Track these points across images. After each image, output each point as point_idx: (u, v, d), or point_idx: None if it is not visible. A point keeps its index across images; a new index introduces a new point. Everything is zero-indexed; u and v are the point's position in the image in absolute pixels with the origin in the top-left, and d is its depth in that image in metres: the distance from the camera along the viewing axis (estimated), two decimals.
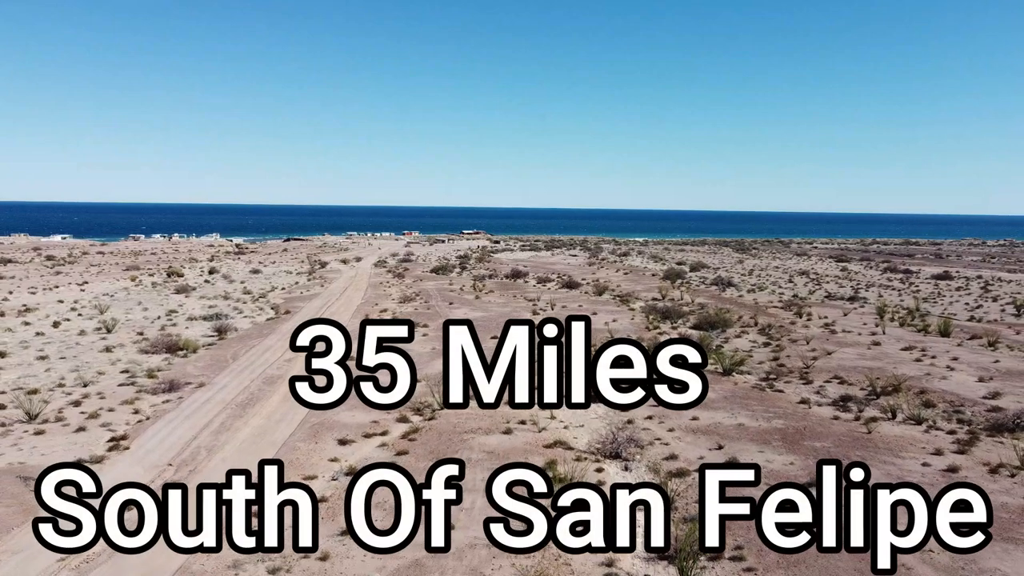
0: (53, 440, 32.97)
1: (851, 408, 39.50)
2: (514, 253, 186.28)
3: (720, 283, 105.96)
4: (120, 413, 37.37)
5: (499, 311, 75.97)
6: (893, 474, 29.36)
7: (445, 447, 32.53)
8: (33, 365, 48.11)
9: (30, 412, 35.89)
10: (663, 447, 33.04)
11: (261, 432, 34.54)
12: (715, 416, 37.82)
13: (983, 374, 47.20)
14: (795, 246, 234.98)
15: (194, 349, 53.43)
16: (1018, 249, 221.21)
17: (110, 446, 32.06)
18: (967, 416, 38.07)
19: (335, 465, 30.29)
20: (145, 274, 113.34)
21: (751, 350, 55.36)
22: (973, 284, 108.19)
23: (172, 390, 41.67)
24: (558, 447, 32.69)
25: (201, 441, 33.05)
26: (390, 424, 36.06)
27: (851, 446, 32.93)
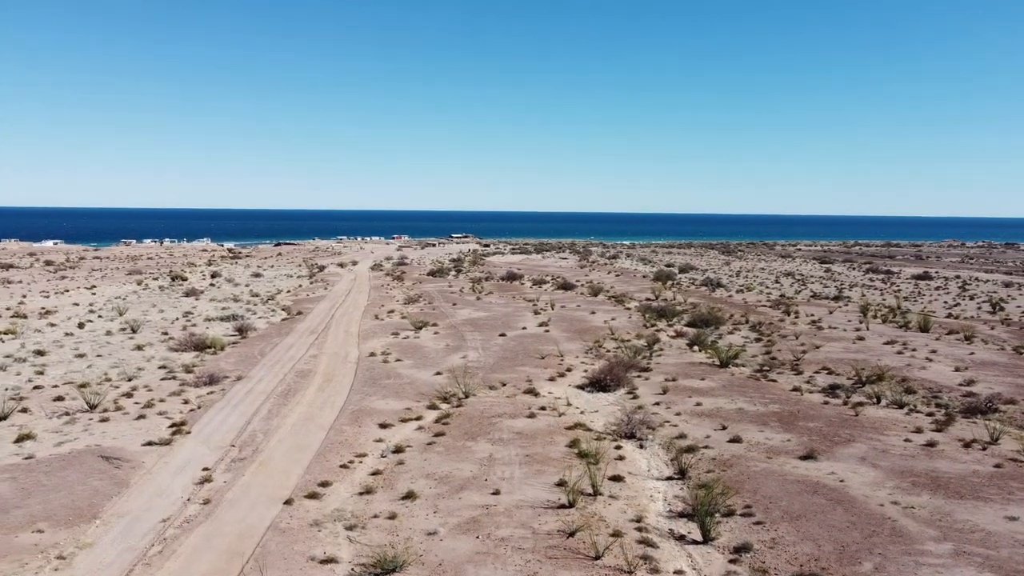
0: (118, 426, 36.12)
1: (839, 395, 43.26)
2: (505, 256, 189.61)
3: (710, 284, 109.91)
4: (171, 403, 40.54)
5: (502, 311, 79.42)
6: (878, 448, 33.13)
7: (477, 429, 35.98)
8: (74, 362, 51.08)
9: (90, 403, 39.01)
10: (672, 428, 36.64)
11: (307, 418, 37.86)
12: (716, 402, 41.50)
13: (959, 364, 51.19)
14: (779, 248, 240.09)
15: (221, 347, 56.52)
16: (995, 250, 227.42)
17: (173, 431, 35.25)
18: (944, 400, 41.96)
19: (381, 444, 33.67)
20: (149, 278, 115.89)
21: (744, 345, 59.06)
22: (951, 284, 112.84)
23: (213, 383, 44.84)
24: (578, 429, 36.20)
25: (255, 426, 36.34)
26: (422, 411, 39.46)
27: (840, 426, 36.69)
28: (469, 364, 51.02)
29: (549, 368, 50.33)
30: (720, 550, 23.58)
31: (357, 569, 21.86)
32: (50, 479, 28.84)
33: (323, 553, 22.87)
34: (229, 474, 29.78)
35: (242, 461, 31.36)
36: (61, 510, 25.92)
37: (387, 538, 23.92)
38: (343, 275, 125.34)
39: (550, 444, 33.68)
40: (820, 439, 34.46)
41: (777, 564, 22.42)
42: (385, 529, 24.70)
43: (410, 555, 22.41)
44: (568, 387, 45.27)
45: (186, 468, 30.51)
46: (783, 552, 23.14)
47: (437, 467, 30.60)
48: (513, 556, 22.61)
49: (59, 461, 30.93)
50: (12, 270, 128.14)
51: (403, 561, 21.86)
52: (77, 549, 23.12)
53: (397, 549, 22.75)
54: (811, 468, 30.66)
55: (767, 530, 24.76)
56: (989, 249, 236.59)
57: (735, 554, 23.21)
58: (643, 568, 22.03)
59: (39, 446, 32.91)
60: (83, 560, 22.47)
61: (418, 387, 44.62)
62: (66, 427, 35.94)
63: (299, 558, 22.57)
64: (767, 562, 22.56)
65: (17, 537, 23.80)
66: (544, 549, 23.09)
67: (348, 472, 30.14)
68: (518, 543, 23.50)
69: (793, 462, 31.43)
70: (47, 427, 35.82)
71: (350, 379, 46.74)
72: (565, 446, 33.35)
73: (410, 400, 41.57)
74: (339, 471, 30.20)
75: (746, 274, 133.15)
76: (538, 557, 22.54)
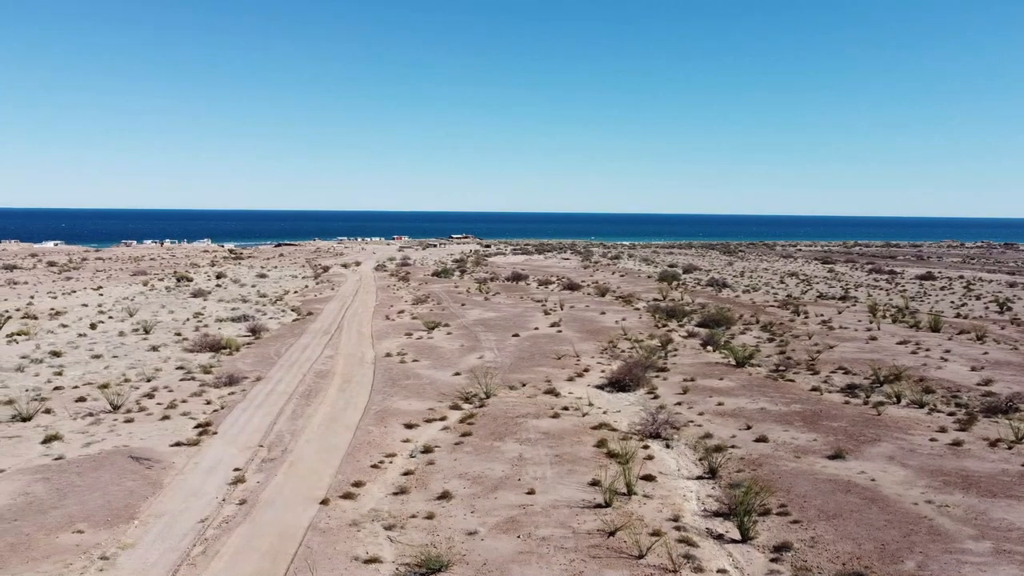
0: (144, 427, 36.11)
1: (859, 394, 43.36)
2: (507, 257, 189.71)
3: (715, 284, 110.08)
4: (193, 404, 40.53)
5: (511, 311, 79.47)
6: (905, 447, 33.25)
7: (503, 429, 36.02)
8: (91, 363, 51.02)
9: (113, 403, 38.98)
10: (697, 428, 36.72)
11: (332, 418, 37.87)
12: (738, 402, 41.59)
13: (975, 364, 51.35)
14: (779, 249, 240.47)
15: (236, 348, 56.50)
16: (995, 251, 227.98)
17: (199, 431, 35.26)
18: (964, 400, 42.11)
19: (408, 444, 33.70)
20: (155, 279, 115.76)
21: (757, 345, 59.17)
22: (956, 284, 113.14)
23: (233, 383, 44.83)
24: (603, 429, 36.26)
25: (281, 426, 36.35)
26: (444, 411, 39.49)
27: (864, 425, 36.80)
28: (486, 364, 51.06)
29: (566, 368, 50.39)
30: (760, 549, 23.65)
31: (402, 569, 21.89)
32: (83, 480, 28.83)
33: (365, 553, 22.90)
34: (261, 475, 29.79)
35: (272, 462, 31.36)
36: (98, 510, 25.91)
37: (427, 538, 23.96)
38: (348, 276, 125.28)
39: (578, 444, 33.74)
40: (846, 438, 34.55)
41: (819, 563, 22.50)
42: (424, 529, 24.73)
43: (453, 555, 22.45)
44: (587, 387, 45.32)
45: (217, 468, 30.51)
46: (824, 551, 23.21)
47: (468, 467, 30.64)
48: (556, 555, 22.65)
49: (90, 462, 30.91)
50: (16, 271, 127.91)
51: (447, 561, 21.90)
52: (119, 549, 23.12)
53: (440, 549, 22.78)
54: (840, 467, 30.74)
55: (805, 529, 24.83)
56: (989, 249, 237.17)
57: (776, 553, 23.29)
58: (687, 567, 22.09)
59: (67, 447, 32.89)
60: (126, 560, 22.47)
61: (438, 387, 44.64)
62: (91, 428, 35.92)
63: (342, 558, 22.59)
64: (809, 561, 22.64)
65: (58, 538, 23.80)
66: (586, 548, 23.14)
67: (380, 472, 30.17)
68: (559, 542, 23.55)
69: (822, 461, 31.52)
70: (72, 428, 35.79)
71: (369, 379, 46.76)
72: (593, 446, 33.42)
73: (432, 400, 41.60)
74: (370, 471, 30.22)
75: (750, 274, 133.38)
76: (581, 556, 22.59)
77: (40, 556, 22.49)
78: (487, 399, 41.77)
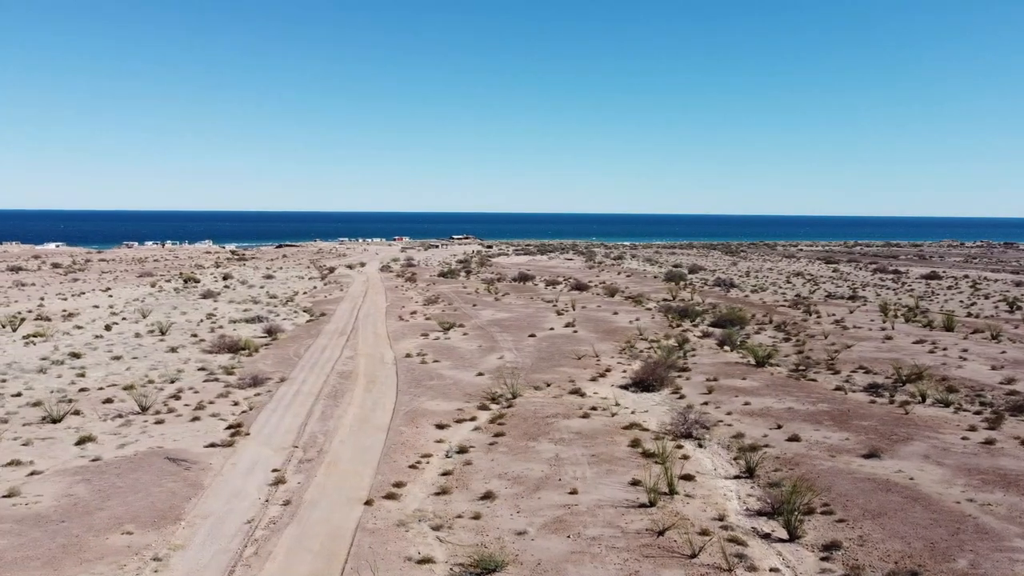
0: (175, 428, 36.11)
1: (883, 394, 43.47)
2: (510, 257, 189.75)
3: (722, 284, 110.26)
4: (221, 405, 40.53)
5: (523, 312, 79.53)
6: (938, 446, 33.37)
7: (535, 429, 36.07)
8: (112, 364, 50.97)
9: (142, 404, 38.97)
10: (727, 428, 36.80)
11: (363, 419, 37.90)
12: (764, 401, 41.69)
13: (994, 363, 51.52)
14: (781, 249, 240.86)
15: (255, 349, 56.47)
16: (996, 250, 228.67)
17: (231, 432, 35.24)
18: (988, 399, 42.23)
19: (442, 445, 33.74)
20: (162, 280, 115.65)
21: (773, 345, 59.27)
22: (962, 283, 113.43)
23: (257, 384, 44.82)
24: (634, 429, 36.33)
25: (313, 427, 36.37)
26: (473, 411, 39.53)
27: (895, 424, 36.91)
28: (508, 365, 51.12)
29: (588, 368, 50.46)
30: (808, 548, 23.72)
31: (456, 569, 21.92)
32: (123, 481, 28.82)
33: (417, 553, 22.93)
34: (301, 475, 29.81)
35: (310, 462, 31.38)
36: (144, 512, 25.91)
37: (476, 538, 24.01)
38: (354, 277, 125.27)
39: (612, 444, 33.80)
40: (878, 437, 34.66)
41: (870, 561, 22.58)
42: (472, 529, 24.77)
43: (506, 555, 22.49)
44: (611, 387, 45.39)
45: (255, 469, 30.53)
46: (874, 549, 23.29)
47: (507, 467, 30.69)
48: (609, 555, 22.71)
49: (127, 463, 30.91)
50: (22, 272, 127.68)
51: (501, 561, 21.93)
52: (170, 551, 23.13)
53: (491, 549, 22.83)
54: (877, 466, 30.84)
55: (851, 528, 24.91)
56: (989, 249, 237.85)
57: (825, 552, 23.36)
58: (740, 566, 22.16)
59: (102, 448, 32.89)
60: (179, 561, 22.48)
61: (463, 388, 44.69)
62: (122, 429, 35.91)
63: (395, 558, 22.62)
64: (860, 560, 22.72)
65: (108, 539, 23.80)
66: (638, 548, 23.20)
67: (418, 472, 30.21)
68: (610, 542, 23.61)
69: (858, 460, 31.62)
70: (104, 429, 35.79)
71: (393, 380, 46.79)
72: (627, 446, 33.48)
73: (459, 401, 41.64)
74: (409, 472, 30.25)
75: (755, 274, 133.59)
76: (635, 556, 22.65)
77: (93, 557, 22.49)
78: (514, 399, 41.82)
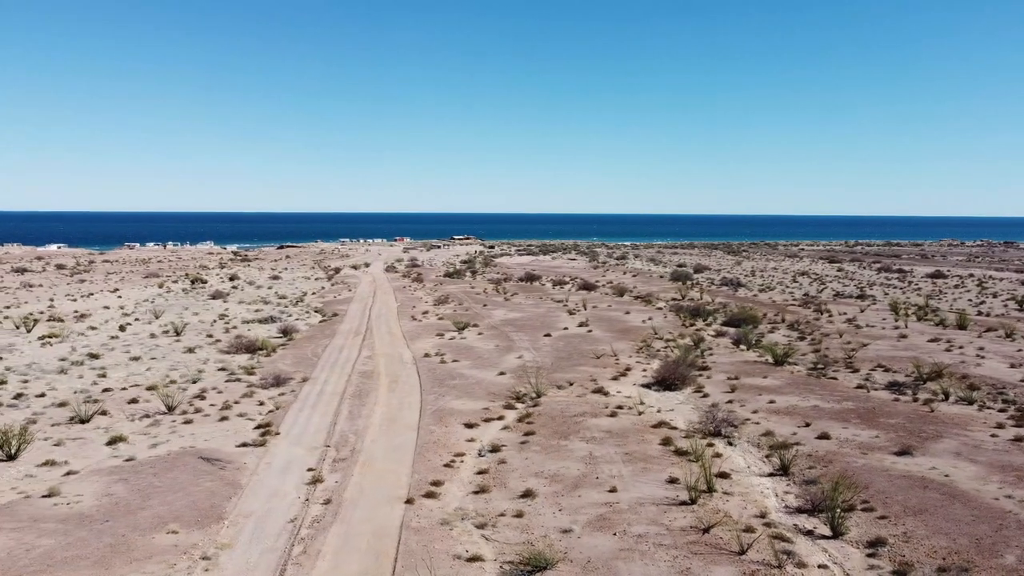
0: (204, 428, 36.11)
1: (906, 392, 43.55)
2: (513, 258, 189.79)
3: (730, 283, 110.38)
4: (246, 405, 40.52)
5: (535, 311, 79.57)
6: (969, 443, 33.46)
7: (564, 428, 36.11)
8: (131, 365, 50.94)
9: (169, 404, 38.96)
10: (755, 426, 36.86)
11: (391, 418, 37.91)
12: (789, 400, 41.76)
13: (1012, 361, 51.64)
14: (783, 248, 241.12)
15: (272, 349, 56.46)
16: (997, 249, 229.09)
17: (261, 432, 35.23)
18: (1011, 397, 42.34)
19: (474, 444, 33.77)
20: (169, 281, 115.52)
21: (789, 343, 59.36)
22: (968, 282, 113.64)
23: (280, 384, 44.80)
24: (663, 427, 36.39)
25: (342, 426, 36.38)
26: (500, 410, 39.56)
27: (922, 422, 37.00)
28: (527, 364, 51.16)
29: (608, 368, 50.51)
30: (853, 544, 23.78)
31: (506, 567, 21.94)
32: (161, 480, 28.82)
33: (465, 552, 22.96)
34: (337, 474, 29.82)
35: (344, 461, 31.40)
36: (186, 511, 25.91)
37: (522, 536, 24.04)
38: (360, 277, 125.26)
39: (643, 443, 33.85)
40: (907, 435, 34.74)
41: (917, 557, 22.64)
42: (516, 527, 24.80)
43: (555, 553, 22.51)
44: (634, 386, 45.44)
45: (290, 469, 30.54)
46: (919, 546, 23.36)
47: (542, 466, 30.72)
48: (658, 552, 22.75)
49: (162, 463, 30.91)
50: (28, 274, 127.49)
51: (551, 559, 21.96)
52: (218, 550, 23.14)
53: (539, 547, 22.85)
54: (910, 464, 30.91)
55: (894, 525, 24.97)
56: (990, 248, 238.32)
57: (871, 548, 23.41)
58: (789, 563, 22.21)
59: (134, 448, 32.88)
60: (228, 561, 22.49)
61: (486, 387, 44.71)
62: (151, 429, 35.91)
63: (444, 557, 22.65)
64: (907, 556, 22.78)
65: (154, 538, 23.79)
66: (685, 545, 23.25)
67: (454, 471, 30.23)
68: (656, 539, 23.66)
69: (890, 458, 31.69)
70: (133, 429, 35.77)
71: (415, 380, 46.80)
72: (658, 444, 33.54)
73: (484, 400, 41.67)
74: (444, 470, 30.28)
75: (760, 274, 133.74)
76: (683, 553, 22.70)
77: (142, 557, 22.49)
78: (539, 398, 41.85)
